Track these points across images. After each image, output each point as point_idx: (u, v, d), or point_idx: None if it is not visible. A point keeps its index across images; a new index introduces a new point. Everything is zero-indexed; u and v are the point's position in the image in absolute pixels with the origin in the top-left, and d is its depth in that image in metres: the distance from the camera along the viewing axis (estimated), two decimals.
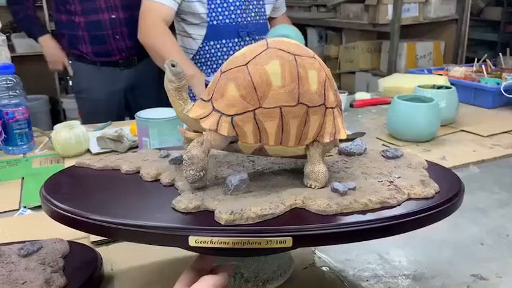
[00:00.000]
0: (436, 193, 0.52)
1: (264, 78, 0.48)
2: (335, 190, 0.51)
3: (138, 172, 0.59)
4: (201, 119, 0.50)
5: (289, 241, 0.44)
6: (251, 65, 0.48)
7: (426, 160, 0.62)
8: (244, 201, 0.48)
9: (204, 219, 0.46)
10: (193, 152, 0.49)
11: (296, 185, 0.53)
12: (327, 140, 0.52)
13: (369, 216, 0.47)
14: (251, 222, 0.45)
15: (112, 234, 0.48)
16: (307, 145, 0.52)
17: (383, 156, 0.63)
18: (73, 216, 0.48)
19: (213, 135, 0.49)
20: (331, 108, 0.52)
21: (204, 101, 0.51)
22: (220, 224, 0.45)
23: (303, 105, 0.49)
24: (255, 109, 0.48)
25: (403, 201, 0.50)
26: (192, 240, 0.44)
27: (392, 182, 0.54)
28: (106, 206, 0.50)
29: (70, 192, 0.55)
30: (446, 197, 0.51)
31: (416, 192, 0.52)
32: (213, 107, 0.49)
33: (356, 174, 0.57)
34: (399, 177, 0.55)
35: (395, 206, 0.49)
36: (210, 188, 0.52)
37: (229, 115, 0.48)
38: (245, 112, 0.48)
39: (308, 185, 0.53)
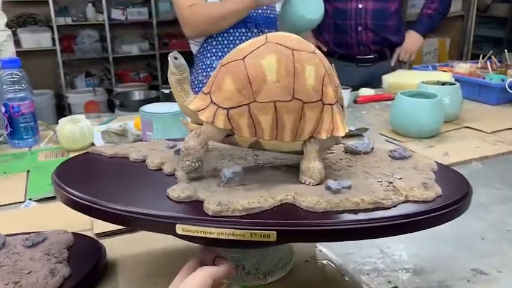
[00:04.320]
0: (437, 197, 0.50)
1: (259, 72, 0.49)
2: (328, 188, 0.50)
3: (145, 161, 0.61)
4: (199, 111, 0.51)
5: (273, 235, 0.44)
6: (248, 59, 0.49)
7: (437, 162, 0.60)
8: (235, 193, 0.49)
9: (194, 209, 0.47)
10: (190, 143, 0.51)
11: (292, 181, 0.53)
12: (323, 136, 0.52)
13: (360, 216, 0.46)
14: (237, 215, 0.46)
15: (110, 218, 0.49)
16: (304, 141, 0.52)
17: (390, 156, 0.62)
18: (77, 200, 0.50)
19: (210, 128, 0.50)
20: (330, 104, 0.52)
21: (204, 93, 0.52)
22: (208, 214, 0.46)
23: (298, 100, 0.49)
24: (249, 103, 0.49)
25: (399, 203, 0.49)
26: (179, 229, 0.45)
27: (391, 182, 0.52)
28: (109, 192, 0.52)
29: (78, 177, 0.57)
30: (447, 202, 0.49)
31: (415, 194, 0.50)
32: (211, 99, 0.50)
33: (357, 173, 0.56)
34: (400, 179, 0.54)
35: (389, 208, 0.48)
36: (206, 179, 0.53)
37: (225, 108, 0.49)
38: (240, 106, 0.49)
39: (303, 182, 0.53)
